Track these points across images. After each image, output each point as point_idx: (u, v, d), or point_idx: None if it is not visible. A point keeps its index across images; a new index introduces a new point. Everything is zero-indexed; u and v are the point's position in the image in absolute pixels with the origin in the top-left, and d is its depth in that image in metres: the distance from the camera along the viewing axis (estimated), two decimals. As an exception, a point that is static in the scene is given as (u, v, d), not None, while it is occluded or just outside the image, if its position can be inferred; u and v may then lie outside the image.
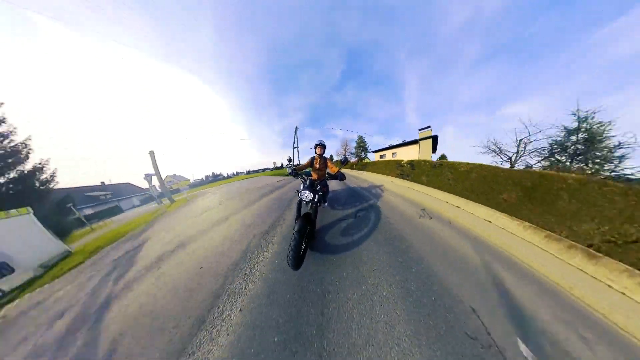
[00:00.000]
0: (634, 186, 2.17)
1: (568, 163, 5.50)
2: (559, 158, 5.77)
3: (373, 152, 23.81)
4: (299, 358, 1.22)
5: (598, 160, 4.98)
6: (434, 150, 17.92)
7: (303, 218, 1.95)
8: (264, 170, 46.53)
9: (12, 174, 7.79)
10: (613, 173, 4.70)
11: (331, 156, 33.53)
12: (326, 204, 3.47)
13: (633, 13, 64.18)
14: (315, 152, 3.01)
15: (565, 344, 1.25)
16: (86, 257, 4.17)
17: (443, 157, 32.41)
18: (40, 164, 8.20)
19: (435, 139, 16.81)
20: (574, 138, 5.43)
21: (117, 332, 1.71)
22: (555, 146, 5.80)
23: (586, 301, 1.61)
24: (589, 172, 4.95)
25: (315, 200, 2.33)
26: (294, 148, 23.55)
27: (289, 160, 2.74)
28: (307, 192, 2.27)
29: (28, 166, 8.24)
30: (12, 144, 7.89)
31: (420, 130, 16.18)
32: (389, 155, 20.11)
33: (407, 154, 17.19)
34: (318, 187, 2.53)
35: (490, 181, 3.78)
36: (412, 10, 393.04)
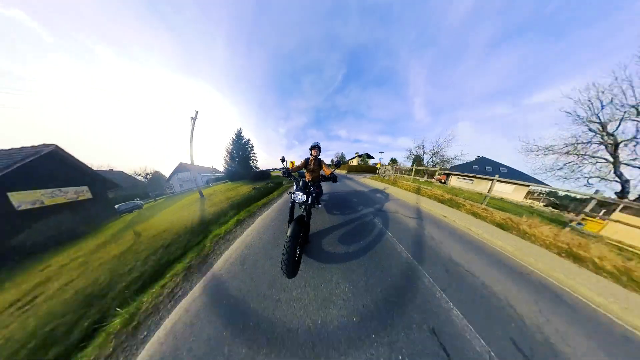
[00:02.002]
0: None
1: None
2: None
3: (347, 160, 50.94)
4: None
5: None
6: (371, 157, 40.52)
7: (296, 221, 1.91)
8: (273, 170, 55.77)
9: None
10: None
11: (332, 160, 50.50)
12: (320, 205, 3.31)
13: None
14: (311, 154, 3.00)
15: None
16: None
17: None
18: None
19: (368, 155, 40.10)
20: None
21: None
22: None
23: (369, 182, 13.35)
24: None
25: (309, 202, 2.27)
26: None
27: (282, 160, 2.72)
28: (301, 193, 2.21)
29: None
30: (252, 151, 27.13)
31: (355, 152, 42.25)
32: (352, 162, 44.13)
33: (353, 162, 40.11)
34: (312, 189, 2.49)
35: (360, 168, 20.29)
36: (410, 5, 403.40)
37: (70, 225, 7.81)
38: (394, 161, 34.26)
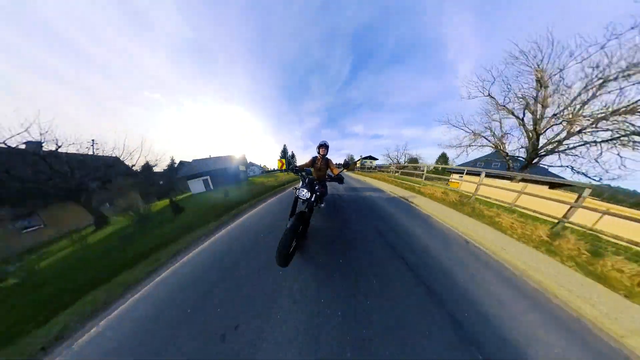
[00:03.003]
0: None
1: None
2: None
3: (356, 160, 61.71)
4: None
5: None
6: (375, 158, 48.73)
7: (297, 216, 2.01)
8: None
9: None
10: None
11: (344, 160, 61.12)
12: (322, 205, 3.30)
13: None
14: (319, 153, 3.02)
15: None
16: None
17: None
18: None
19: (370, 157, 48.56)
20: None
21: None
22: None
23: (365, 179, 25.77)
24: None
25: (312, 199, 2.32)
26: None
27: (292, 157, 9.08)
28: (305, 190, 2.26)
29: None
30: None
31: (360, 155, 48.19)
32: (357, 165, 56.05)
33: (357, 164, 52.04)
34: (317, 187, 2.53)
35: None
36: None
37: (244, 176, 24.94)
38: (414, 160, 35.56)
